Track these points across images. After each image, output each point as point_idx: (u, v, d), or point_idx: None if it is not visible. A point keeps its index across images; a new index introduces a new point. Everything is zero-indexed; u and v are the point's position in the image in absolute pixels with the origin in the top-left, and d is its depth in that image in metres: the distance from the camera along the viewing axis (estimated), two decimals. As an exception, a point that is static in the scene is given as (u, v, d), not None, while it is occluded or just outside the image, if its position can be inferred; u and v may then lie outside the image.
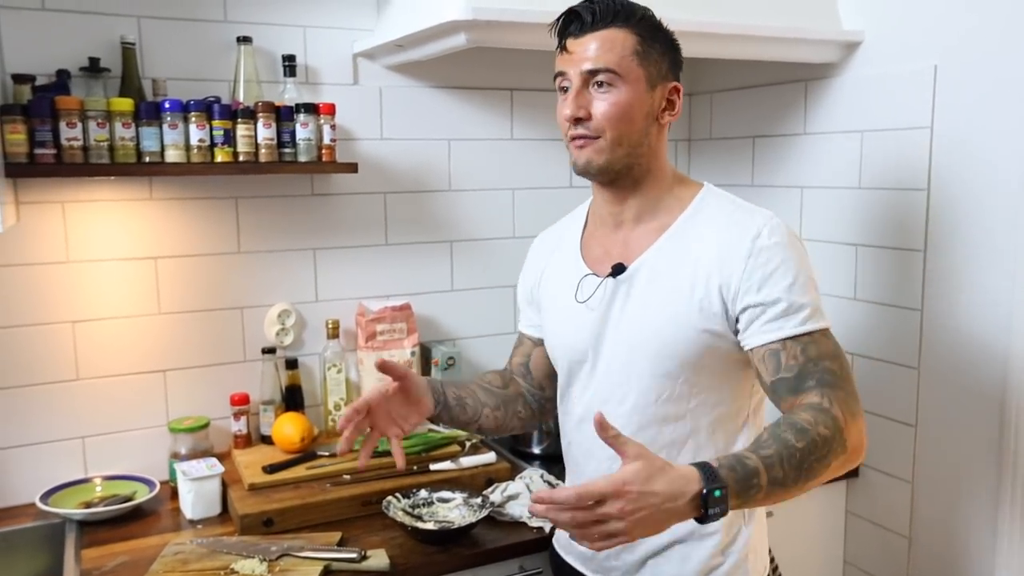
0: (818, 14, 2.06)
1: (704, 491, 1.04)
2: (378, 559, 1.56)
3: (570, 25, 1.31)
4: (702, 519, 1.06)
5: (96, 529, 1.75)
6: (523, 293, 1.58)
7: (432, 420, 1.51)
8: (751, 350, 1.27)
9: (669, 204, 1.36)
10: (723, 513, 1.06)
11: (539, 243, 1.59)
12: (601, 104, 1.28)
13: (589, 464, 1.42)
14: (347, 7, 2.10)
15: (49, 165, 1.66)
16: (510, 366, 1.62)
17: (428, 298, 2.28)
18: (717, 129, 2.50)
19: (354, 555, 1.55)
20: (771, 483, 1.11)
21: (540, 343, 1.56)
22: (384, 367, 1.42)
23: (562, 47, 1.32)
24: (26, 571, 1.76)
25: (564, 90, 1.32)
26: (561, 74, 1.32)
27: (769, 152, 2.32)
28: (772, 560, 1.46)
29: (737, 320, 1.27)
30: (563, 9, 1.37)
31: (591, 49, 1.27)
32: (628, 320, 1.34)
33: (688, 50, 1.40)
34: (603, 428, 1.06)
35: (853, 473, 2.10)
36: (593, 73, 1.27)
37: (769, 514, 1.86)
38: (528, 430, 1.65)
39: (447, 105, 2.25)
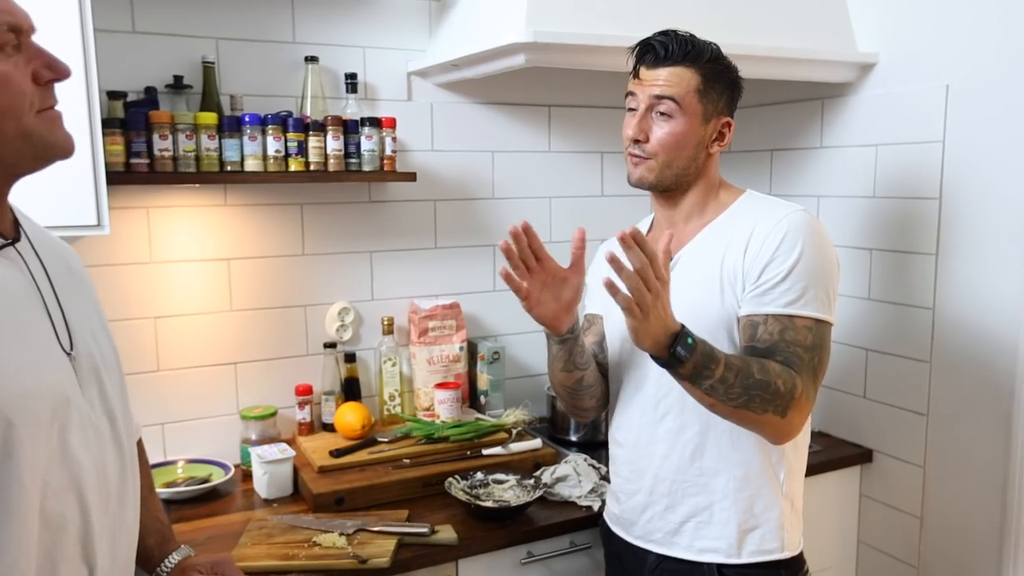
0: (835, 37, 2.13)
1: (680, 330, 1.22)
2: (446, 533, 1.62)
3: (645, 55, 1.41)
4: (667, 355, 1.21)
5: (180, 507, 1.80)
6: (593, 281, 1.61)
7: (560, 341, 1.48)
8: (739, 318, 1.36)
9: (714, 206, 1.47)
10: (686, 356, 1.21)
11: (610, 243, 1.65)
12: (659, 131, 1.40)
13: (634, 431, 1.49)
14: (402, 30, 2.16)
15: (143, 173, 1.72)
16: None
17: (473, 297, 2.34)
18: (737, 142, 2.56)
19: (425, 530, 1.61)
20: (721, 380, 1.23)
21: None
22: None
23: (635, 73, 1.43)
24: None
25: (631, 110, 1.43)
26: (631, 94, 1.43)
27: (787, 164, 2.38)
28: (804, 563, 1.51)
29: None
30: (616, 33, 1.51)
31: (660, 80, 1.39)
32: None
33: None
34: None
35: (867, 458, 2.16)
36: (658, 99, 1.38)
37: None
38: (597, 415, 1.68)
39: (491, 120, 2.32)
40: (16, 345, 0.92)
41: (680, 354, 1.21)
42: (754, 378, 1.24)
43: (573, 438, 2.21)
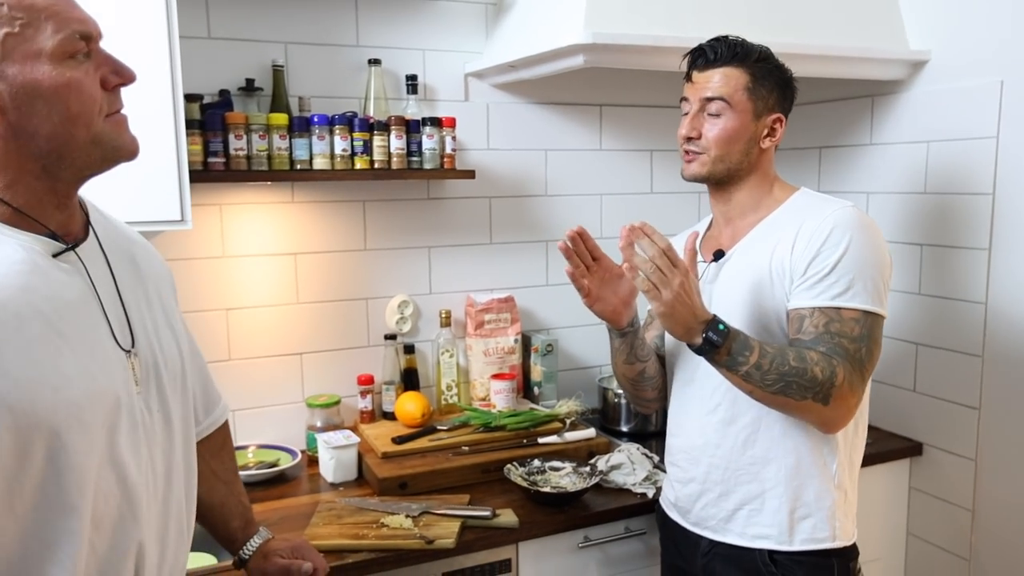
0: (886, 35, 2.12)
1: (714, 317, 1.27)
2: (507, 517, 1.66)
3: (697, 60, 1.46)
4: (702, 341, 1.26)
5: (252, 489, 1.85)
6: None
7: (621, 335, 1.56)
8: (788, 312, 1.38)
9: (768, 202, 1.49)
10: (719, 342, 1.26)
11: (675, 241, 1.68)
12: (711, 128, 1.44)
13: (688, 422, 1.52)
14: (460, 33, 2.21)
15: (220, 172, 1.79)
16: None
17: (526, 292, 2.38)
18: (785, 140, 2.52)
19: (487, 513, 1.65)
20: (756, 367, 1.27)
21: None
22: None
23: (688, 77, 1.47)
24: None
25: (685, 113, 1.47)
26: (685, 99, 1.48)
27: (835, 161, 2.37)
28: (857, 553, 1.51)
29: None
30: (671, 34, 1.55)
31: (711, 81, 1.43)
32: (720, 296, 1.46)
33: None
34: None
35: (916, 452, 2.15)
36: (709, 100, 1.43)
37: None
38: (660, 405, 1.71)
39: (545, 119, 2.35)
40: (63, 354, 0.89)
41: (713, 339, 1.26)
42: (790, 365, 1.27)
43: (624, 428, 2.23)
